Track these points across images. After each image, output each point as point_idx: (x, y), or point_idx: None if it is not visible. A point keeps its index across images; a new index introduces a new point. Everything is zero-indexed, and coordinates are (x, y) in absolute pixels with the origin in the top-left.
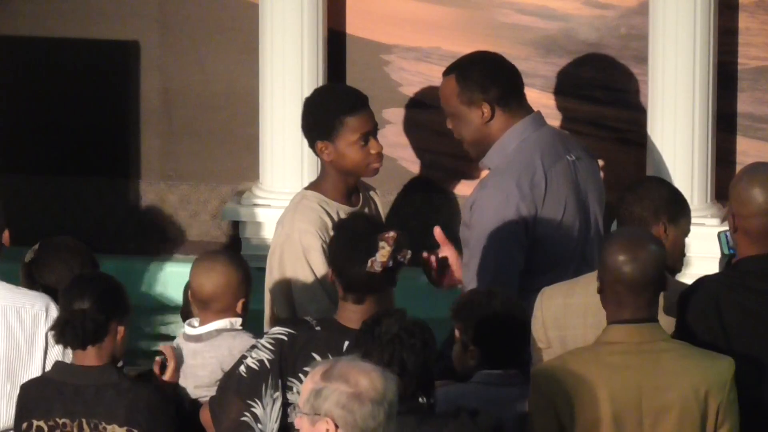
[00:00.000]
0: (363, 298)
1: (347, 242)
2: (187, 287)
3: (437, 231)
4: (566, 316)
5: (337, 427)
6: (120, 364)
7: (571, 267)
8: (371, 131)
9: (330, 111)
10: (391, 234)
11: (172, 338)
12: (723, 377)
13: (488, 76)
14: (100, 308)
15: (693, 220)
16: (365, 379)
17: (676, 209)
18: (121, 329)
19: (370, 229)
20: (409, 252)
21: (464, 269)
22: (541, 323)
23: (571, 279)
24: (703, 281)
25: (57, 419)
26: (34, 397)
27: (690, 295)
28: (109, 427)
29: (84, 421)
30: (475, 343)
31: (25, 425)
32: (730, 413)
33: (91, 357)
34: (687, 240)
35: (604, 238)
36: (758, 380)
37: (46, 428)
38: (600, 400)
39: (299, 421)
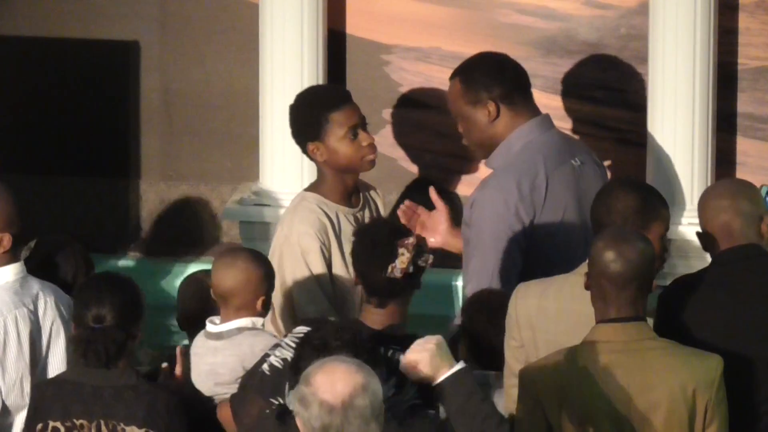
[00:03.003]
0: (385, 303)
1: (367, 248)
2: (182, 292)
3: (432, 191)
4: (538, 318)
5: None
6: None
7: (570, 270)
8: (359, 124)
9: (314, 111)
10: (411, 240)
11: (171, 339)
12: (711, 375)
13: (491, 75)
14: (120, 325)
15: (693, 221)
16: (323, 378)
17: (646, 217)
18: (139, 335)
19: (390, 236)
20: (431, 257)
21: (464, 268)
22: (515, 321)
23: (545, 278)
24: (680, 280)
25: (74, 420)
26: (50, 398)
27: (667, 294)
28: (127, 429)
29: (102, 422)
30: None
31: (40, 426)
32: (718, 412)
33: None
34: (686, 238)
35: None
36: (734, 376)
37: (62, 429)
38: (588, 399)
39: None
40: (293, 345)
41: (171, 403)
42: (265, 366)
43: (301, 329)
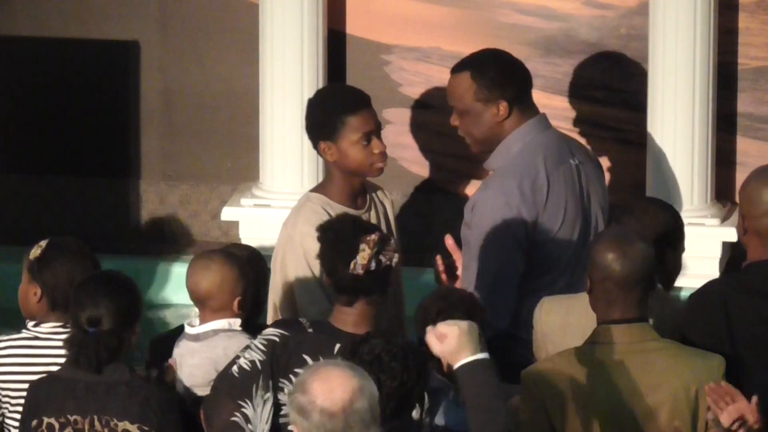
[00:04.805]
0: (353, 301)
1: (330, 244)
2: None
3: (448, 240)
4: (564, 335)
5: None
6: None
7: (569, 270)
8: (374, 131)
9: (332, 111)
10: (372, 237)
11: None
12: (713, 376)
13: (506, 74)
14: (114, 330)
15: (693, 220)
16: (320, 386)
17: (677, 235)
18: (133, 337)
19: (353, 231)
20: (396, 255)
21: (464, 271)
22: (540, 336)
23: (570, 294)
24: (711, 284)
25: (68, 416)
26: (45, 395)
27: (697, 298)
28: (120, 424)
29: (96, 417)
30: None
31: (35, 422)
32: None
33: None
34: (687, 241)
35: (593, 237)
36: (765, 386)
37: (57, 425)
38: (591, 400)
39: None
40: (261, 347)
41: (164, 399)
42: (234, 368)
43: (270, 331)
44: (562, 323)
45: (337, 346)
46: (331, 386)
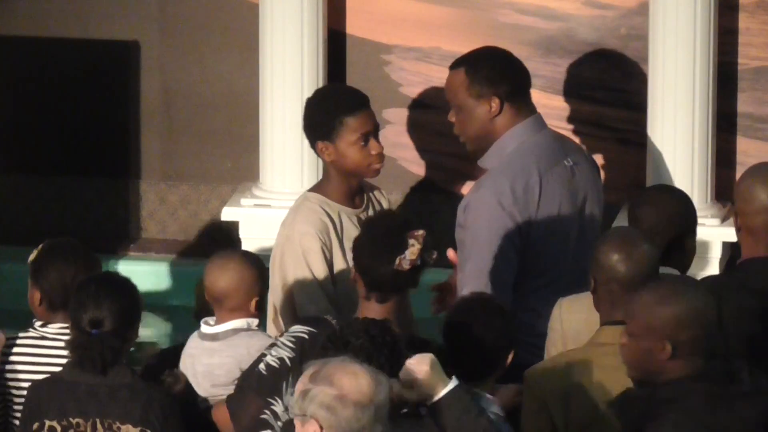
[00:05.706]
0: (387, 298)
1: (376, 240)
2: (199, 286)
3: (450, 254)
4: (587, 331)
5: (322, 428)
6: None
7: (566, 270)
8: (371, 131)
9: (330, 111)
10: (421, 232)
11: (171, 339)
12: None
13: (499, 71)
14: (117, 331)
15: None
16: (350, 381)
17: (692, 221)
18: (134, 338)
19: (400, 227)
20: (435, 252)
21: (459, 272)
22: (560, 335)
23: (587, 292)
24: (704, 281)
25: (70, 419)
26: (46, 397)
27: None
28: (123, 427)
29: (98, 420)
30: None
31: (36, 425)
32: None
33: None
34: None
35: (598, 238)
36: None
37: (59, 428)
38: (593, 401)
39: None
40: (290, 344)
41: (166, 402)
42: (262, 366)
43: (298, 328)
44: (586, 320)
45: None
46: (358, 381)
